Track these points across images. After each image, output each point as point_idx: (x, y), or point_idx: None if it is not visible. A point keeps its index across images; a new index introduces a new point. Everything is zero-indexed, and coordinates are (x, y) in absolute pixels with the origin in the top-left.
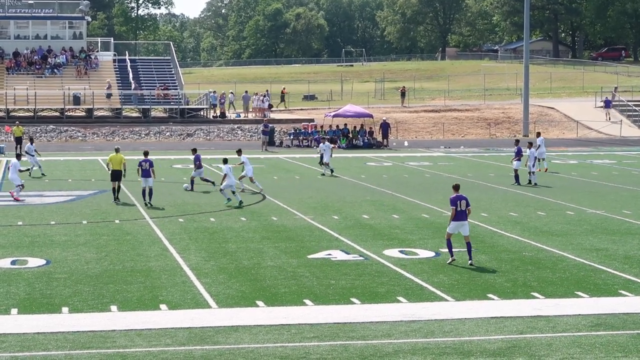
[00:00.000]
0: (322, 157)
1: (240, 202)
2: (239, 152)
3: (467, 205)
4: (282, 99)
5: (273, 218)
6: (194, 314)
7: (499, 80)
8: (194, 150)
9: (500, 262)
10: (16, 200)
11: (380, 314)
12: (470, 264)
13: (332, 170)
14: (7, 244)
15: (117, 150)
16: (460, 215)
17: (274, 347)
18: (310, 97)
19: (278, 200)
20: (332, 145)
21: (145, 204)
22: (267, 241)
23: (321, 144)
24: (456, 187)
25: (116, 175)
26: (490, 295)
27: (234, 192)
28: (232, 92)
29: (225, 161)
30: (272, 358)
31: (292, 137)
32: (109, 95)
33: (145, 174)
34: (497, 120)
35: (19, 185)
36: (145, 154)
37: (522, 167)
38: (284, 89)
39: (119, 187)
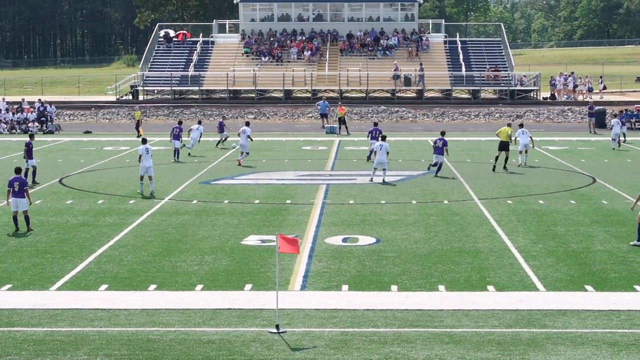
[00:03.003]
0: None
1: None
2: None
3: None
4: None
5: (603, 202)
6: (522, 296)
7: None
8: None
9: None
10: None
11: None
12: None
13: None
14: (339, 222)
15: (509, 125)
16: None
17: (603, 332)
18: None
19: (609, 183)
20: None
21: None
22: (597, 225)
23: None
24: None
25: (504, 146)
26: None
27: None
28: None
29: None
30: (601, 344)
31: (623, 119)
32: (396, 77)
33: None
34: None
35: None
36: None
37: None
38: None
39: (506, 158)
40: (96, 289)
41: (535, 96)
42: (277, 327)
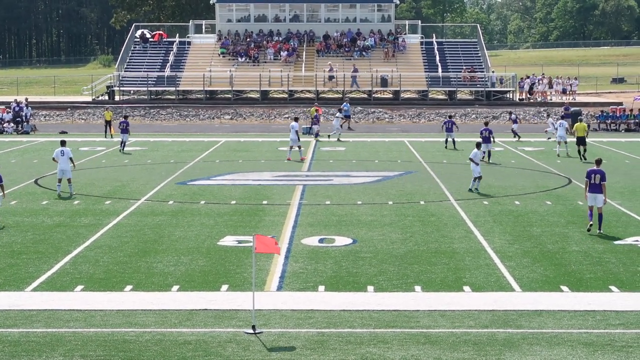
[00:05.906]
0: None
1: None
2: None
3: (602, 179)
4: None
5: (579, 202)
6: (498, 296)
7: None
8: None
9: None
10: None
11: None
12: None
13: None
14: (315, 223)
15: (580, 120)
16: (593, 188)
17: (578, 332)
18: (619, 80)
19: (584, 184)
20: None
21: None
22: (573, 225)
23: None
24: (598, 162)
25: (581, 140)
26: None
27: None
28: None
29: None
30: (576, 344)
31: (599, 120)
32: (331, 78)
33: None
34: None
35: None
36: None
37: None
38: None
39: (584, 149)
40: (72, 289)
41: (511, 97)
42: (253, 327)
